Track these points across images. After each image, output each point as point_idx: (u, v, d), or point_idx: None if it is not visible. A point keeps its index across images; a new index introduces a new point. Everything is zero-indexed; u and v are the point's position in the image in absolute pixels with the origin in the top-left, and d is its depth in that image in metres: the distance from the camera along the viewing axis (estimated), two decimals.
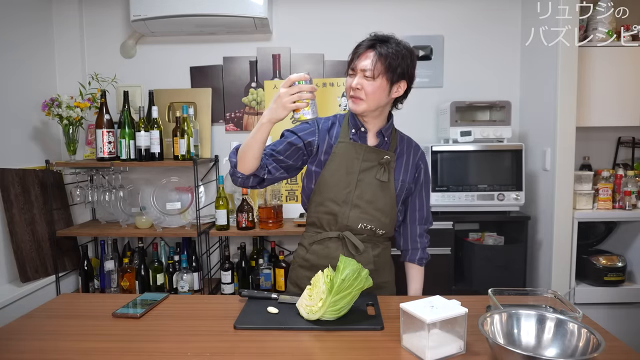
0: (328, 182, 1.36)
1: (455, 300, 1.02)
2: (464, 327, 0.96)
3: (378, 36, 1.29)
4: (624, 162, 2.63)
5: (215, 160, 2.64)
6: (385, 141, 1.38)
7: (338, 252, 1.36)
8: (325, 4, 2.62)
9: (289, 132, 1.39)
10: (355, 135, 1.37)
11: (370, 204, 1.36)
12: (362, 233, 1.37)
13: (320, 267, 1.37)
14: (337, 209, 1.36)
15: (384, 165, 1.36)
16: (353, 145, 1.36)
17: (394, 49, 1.27)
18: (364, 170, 1.35)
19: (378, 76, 1.26)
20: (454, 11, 2.62)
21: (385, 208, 1.37)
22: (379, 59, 1.25)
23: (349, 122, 1.38)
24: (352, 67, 1.30)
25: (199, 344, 1.04)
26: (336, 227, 1.38)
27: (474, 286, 2.33)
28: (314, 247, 1.41)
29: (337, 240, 1.38)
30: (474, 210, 2.37)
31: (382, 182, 1.35)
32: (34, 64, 2.43)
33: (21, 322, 1.19)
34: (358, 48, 1.29)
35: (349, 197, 1.35)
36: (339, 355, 0.99)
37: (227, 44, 2.64)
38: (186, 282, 2.33)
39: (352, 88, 1.29)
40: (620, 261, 2.32)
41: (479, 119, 2.56)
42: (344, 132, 1.38)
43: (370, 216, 1.36)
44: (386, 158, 1.36)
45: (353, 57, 1.30)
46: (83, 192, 2.45)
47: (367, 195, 1.35)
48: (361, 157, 1.35)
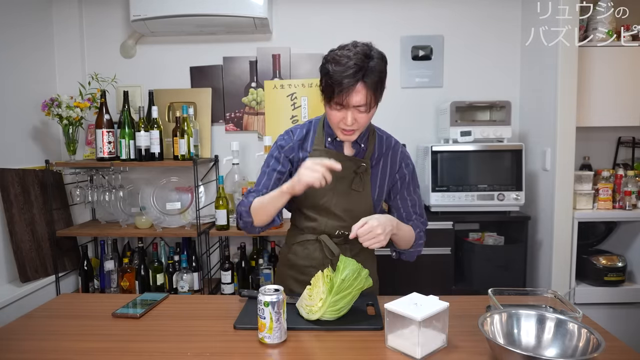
0: (305, 191, 1.28)
1: (432, 296, 1.04)
2: (446, 321, 0.99)
3: (358, 63, 1.13)
4: (624, 162, 2.62)
5: (215, 160, 2.64)
6: (361, 148, 1.34)
7: (317, 254, 1.38)
8: (325, 4, 2.62)
9: (274, 160, 1.35)
10: (331, 145, 1.33)
11: (348, 212, 1.34)
12: (338, 237, 1.37)
13: (300, 267, 1.40)
14: (315, 217, 1.36)
15: (360, 174, 1.33)
16: (328, 154, 1.31)
17: (377, 71, 1.15)
18: (339, 179, 1.30)
19: (372, 107, 1.20)
20: (454, 11, 2.62)
21: (362, 215, 1.32)
22: (369, 91, 1.15)
23: (324, 131, 1.33)
24: (338, 102, 1.17)
25: (199, 344, 1.04)
26: (315, 232, 1.38)
27: (474, 286, 2.33)
28: (294, 247, 1.43)
29: (315, 242, 1.38)
30: (474, 210, 2.37)
31: (358, 192, 1.33)
32: (33, 63, 2.43)
33: (21, 322, 1.19)
34: (341, 83, 1.13)
35: (325, 206, 1.33)
36: (339, 355, 0.99)
37: (227, 44, 2.64)
38: (186, 282, 2.33)
39: (345, 124, 1.20)
40: (620, 261, 2.32)
41: (479, 119, 2.56)
42: (319, 140, 1.34)
43: (347, 223, 1.33)
44: (362, 167, 1.32)
45: (335, 91, 1.14)
46: (83, 192, 2.45)
47: (343, 204, 1.33)
48: None
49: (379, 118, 2.78)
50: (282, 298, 1.03)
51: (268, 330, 1.02)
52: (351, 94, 1.14)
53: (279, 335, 1.03)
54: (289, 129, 1.39)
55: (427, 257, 2.29)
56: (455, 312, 1.07)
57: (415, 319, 0.92)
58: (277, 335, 1.03)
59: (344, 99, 1.15)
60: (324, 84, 1.20)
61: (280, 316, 1.03)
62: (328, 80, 1.16)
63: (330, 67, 1.16)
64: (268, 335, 1.03)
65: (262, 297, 1.02)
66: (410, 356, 0.95)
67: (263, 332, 1.03)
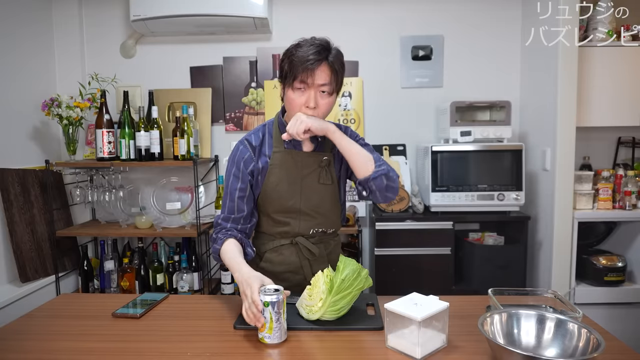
0: (271, 196, 1.30)
1: (432, 296, 1.04)
2: (446, 321, 0.99)
3: (322, 45, 1.17)
4: (624, 162, 2.62)
5: (215, 160, 2.64)
6: (319, 142, 1.32)
7: (293, 257, 1.35)
8: (325, 4, 2.62)
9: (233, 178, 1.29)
10: (289, 144, 1.29)
11: (318, 208, 1.32)
12: (314, 236, 1.35)
13: (276, 274, 1.34)
14: (286, 221, 1.32)
15: (324, 167, 1.30)
16: (289, 154, 1.29)
17: (339, 58, 1.19)
18: (305, 177, 1.30)
19: (333, 92, 1.20)
20: (454, 11, 2.61)
21: (332, 208, 1.34)
22: (332, 72, 1.16)
23: (280, 131, 1.30)
24: (301, 80, 1.16)
25: (199, 344, 1.04)
26: (288, 236, 1.34)
27: (474, 286, 2.33)
28: (267, 255, 1.37)
29: (290, 246, 1.35)
30: (474, 210, 2.37)
31: (326, 185, 1.32)
32: (34, 64, 2.43)
33: (21, 322, 1.19)
34: (307, 60, 1.14)
35: (295, 208, 1.31)
36: (339, 355, 0.99)
37: (227, 44, 2.64)
38: (186, 282, 2.33)
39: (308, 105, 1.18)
40: (620, 261, 2.32)
41: (479, 119, 2.55)
42: (277, 141, 1.30)
43: (320, 220, 1.33)
44: (325, 160, 1.30)
45: (300, 69, 1.15)
46: (83, 192, 2.45)
47: (313, 201, 1.31)
48: (300, 165, 1.29)
49: (379, 118, 2.79)
50: (282, 298, 1.03)
51: (268, 330, 1.02)
52: (315, 71, 1.16)
53: (279, 335, 1.03)
54: (243, 138, 1.32)
55: (427, 257, 2.29)
56: (455, 312, 1.07)
57: (415, 319, 0.92)
58: (277, 335, 1.03)
59: (308, 76, 1.16)
60: (287, 66, 1.19)
61: (280, 316, 1.03)
62: (293, 60, 1.17)
63: (294, 50, 1.18)
64: (268, 335, 1.02)
65: (262, 297, 1.02)
66: (410, 356, 0.95)
67: (263, 332, 1.03)
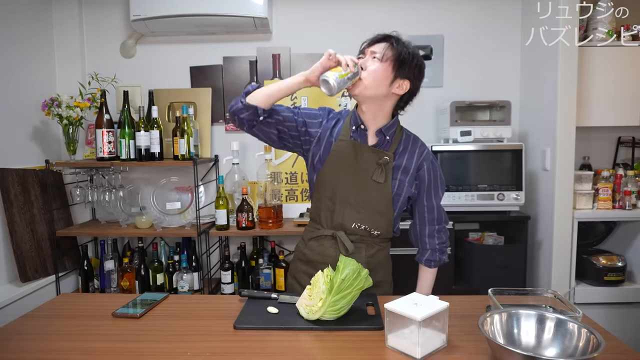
0: (326, 180, 1.36)
1: (432, 296, 1.04)
2: (446, 321, 0.99)
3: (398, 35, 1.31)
4: (624, 162, 2.63)
5: (215, 160, 2.64)
6: (386, 140, 1.35)
7: (331, 251, 1.37)
8: (325, 4, 2.62)
9: (296, 108, 1.39)
10: (356, 133, 1.35)
11: (366, 204, 1.34)
12: (355, 233, 1.37)
13: (315, 262, 1.39)
14: (332, 207, 1.36)
15: (382, 166, 1.33)
16: (352, 144, 1.34)
17: (411, 49, 1.29)
18: (361, 170, 1.34)
19: (386, 61, 1.26)
20: (454, 11, 2.61)
21: (381, 209, 1.35)
22: (391, 47, 1.27)
23: (351, 120, 1.37)
24: (361, 51, 1.31)
25: (199, 344, 1.04)
26: (331, 225, 1.38)
27: (474, 286, 2.33)
28: (311, 242, 1.42)
29: (331, 239, 1.38)
30: (474, 210, 2.37)
31: (378, 183, 1.34)
32: (34, 63, 2.43)
33: (21, 322, 1.19)
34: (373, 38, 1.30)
35: (344, 196, 1.35)
36: (339, 355, 0.99)
37: (227, 43, 2.64)
38: (186, 282, 2.33)
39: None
40: (620, 261, 2.32)
41: (479, 118, 2.56)
42: (346, 130, 1.36)
43: (364, 216, 1.35)
44: (384, 159, 1.33)
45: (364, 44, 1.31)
46: (83, 192, 2.45)
47: (362, 195, 1.34)
48: (359, 157, 1.34)
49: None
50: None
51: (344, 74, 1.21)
52: (374, 44, 1.29)
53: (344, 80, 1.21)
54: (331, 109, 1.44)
55: None
56: (455, 312, 1.07)
57: (415, 319, 0.92)
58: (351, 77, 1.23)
59: (365, 48, 1.30)
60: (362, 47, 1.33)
61: (349, 81, 1.23)
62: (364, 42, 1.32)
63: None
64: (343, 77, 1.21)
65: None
66: (410, 356, 0.95)
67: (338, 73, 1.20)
